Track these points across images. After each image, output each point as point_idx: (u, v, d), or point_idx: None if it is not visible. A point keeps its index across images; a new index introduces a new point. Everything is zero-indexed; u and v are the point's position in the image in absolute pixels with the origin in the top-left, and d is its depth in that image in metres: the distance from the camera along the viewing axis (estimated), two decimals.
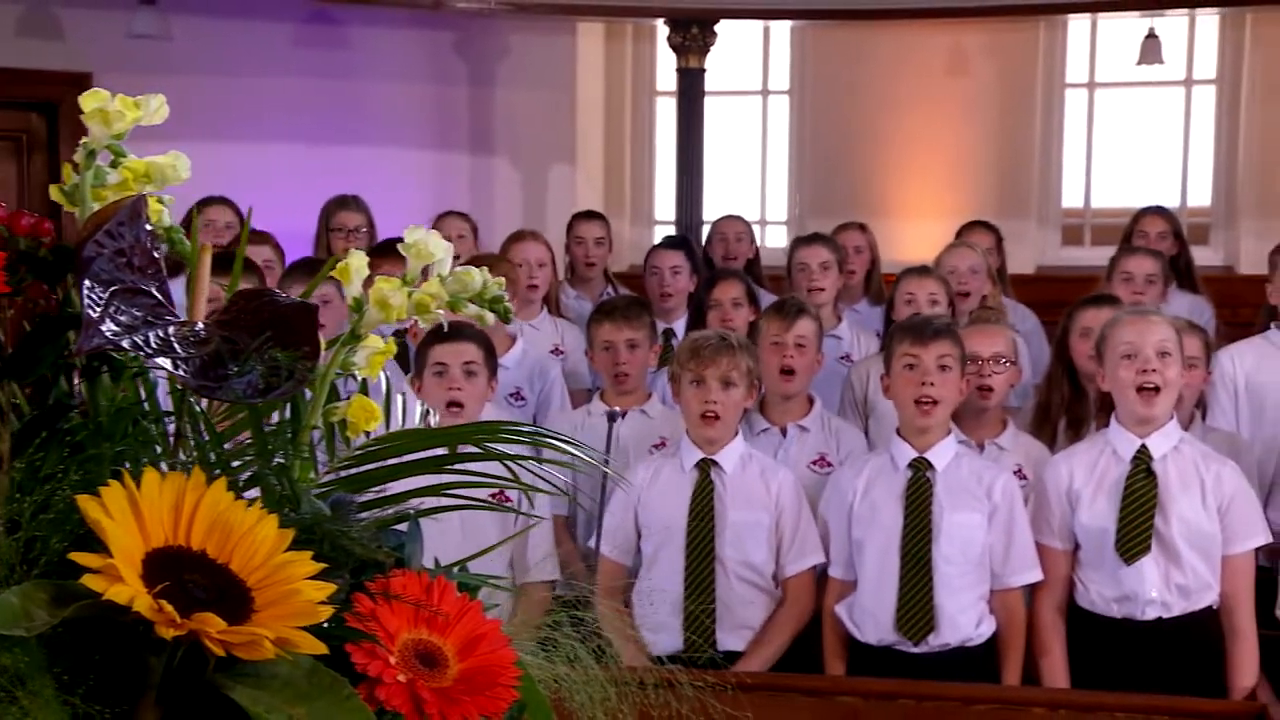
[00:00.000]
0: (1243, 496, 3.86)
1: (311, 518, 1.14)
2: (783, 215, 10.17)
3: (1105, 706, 3.60)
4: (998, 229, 6.85)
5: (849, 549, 4.04)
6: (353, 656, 1.15)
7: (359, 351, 1.28)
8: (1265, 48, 9.35)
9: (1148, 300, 5.47)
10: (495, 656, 1.23)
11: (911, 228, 9.23)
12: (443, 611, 1.22)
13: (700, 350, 4.06)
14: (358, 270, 1.26)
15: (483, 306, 1.32)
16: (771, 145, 10.24)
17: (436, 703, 1.17)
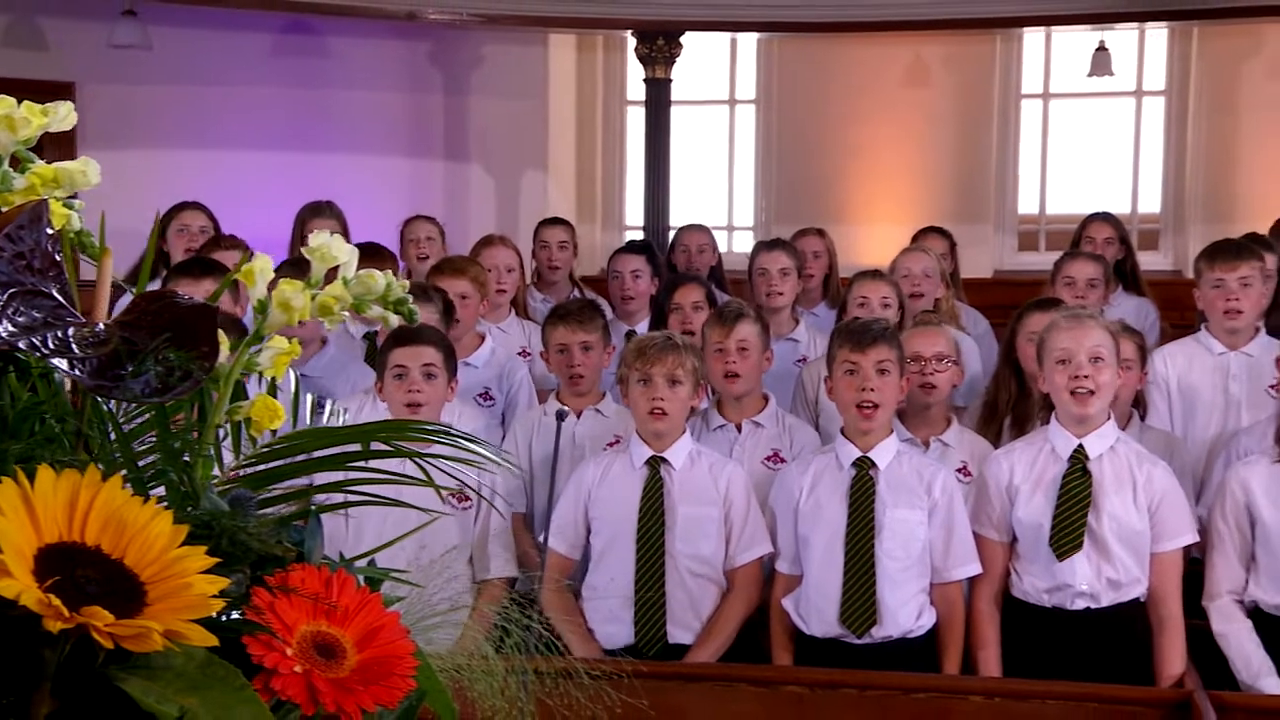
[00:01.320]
0: (1173, 496, 3.87)
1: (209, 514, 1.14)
2: (750, 221, 10.20)
3: (1038, 694, 3.61)
4: (951, 234, 6.86)
5: (795, 544, 4.03)
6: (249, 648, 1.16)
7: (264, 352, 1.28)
8: (1212, 61, 9.42)
9: (1090, 303, 5.48)
10: (393, 647, 1.23)
11: (874, 233, 9.26)
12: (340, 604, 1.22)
13: (646, 350, 4.06)
14: (261, 273, 1.26)
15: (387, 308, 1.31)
16: (739, 153, 10.28)
17: (332, 692, 1.17)
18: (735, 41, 9.91)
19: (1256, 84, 9.34)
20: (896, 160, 9.77)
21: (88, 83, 8.01)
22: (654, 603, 4.04)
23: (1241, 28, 9.06)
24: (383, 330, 4.52)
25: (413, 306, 1.33)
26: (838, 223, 9.38)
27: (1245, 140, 9.36)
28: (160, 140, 8.13)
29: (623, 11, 8.01)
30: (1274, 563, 3.79)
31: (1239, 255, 4.83)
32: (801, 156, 9.90)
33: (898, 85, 9.77)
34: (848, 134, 9.80)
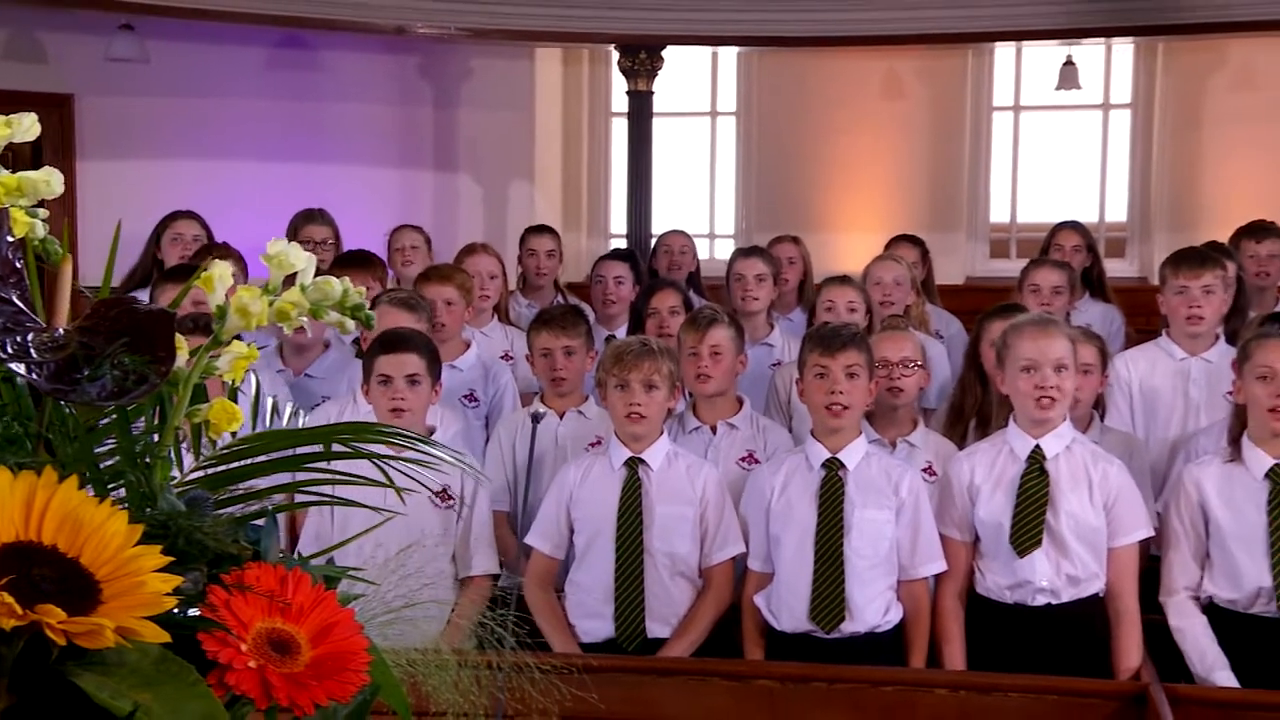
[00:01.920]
0: (1128, 493, 3.88)
1: (166, 514, 1.14)
2: (731, 229, 10.20)
3: (1001, 687, 3.62)
4: (923, 242, 6.87)
5: (767, 543, 4.04)
6: (204, 645, 1.15)
7: (223, 356, 1.28)
8: (1176, 75, 9.45)
9: (1055, 309, 5.49)
10: (347, 643, 1.23)
11: (851, 241, 9.27)
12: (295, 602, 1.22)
13: (623, 356, 4.06)
14: (220, 279, 1.26)
15: (344, 314, 1.31)
16: (720, 163, 10.29)
17: (285, 687, 1.17)
18: (716, 55, 9.92)
19: (1220, 97, 9.37)
20: (872, 170, 9.79)
21: (86, 95, 8.00)
22: (633, 599, 4.04)
23: (1205, 43, 9.09)
24: (364, 335, 4.51)
25: (370, 313, 1.33)
26: (816, 231, 9.40)
27: (1209, 152, 9.39)
28: (157, 150, 8.11)
29: (606, 26, 8.00)
30: (1228, 560, 3.80)
31: (1203, 263, 4.85)
32: (781, 167, 9.91)
33: (873, 98, 9.79)
34: (825, 145, 9.82)
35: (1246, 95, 9.27)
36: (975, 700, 3.62)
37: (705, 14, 8.02)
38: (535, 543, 4.16)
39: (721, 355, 4.51)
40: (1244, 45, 9.09)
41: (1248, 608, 3.76)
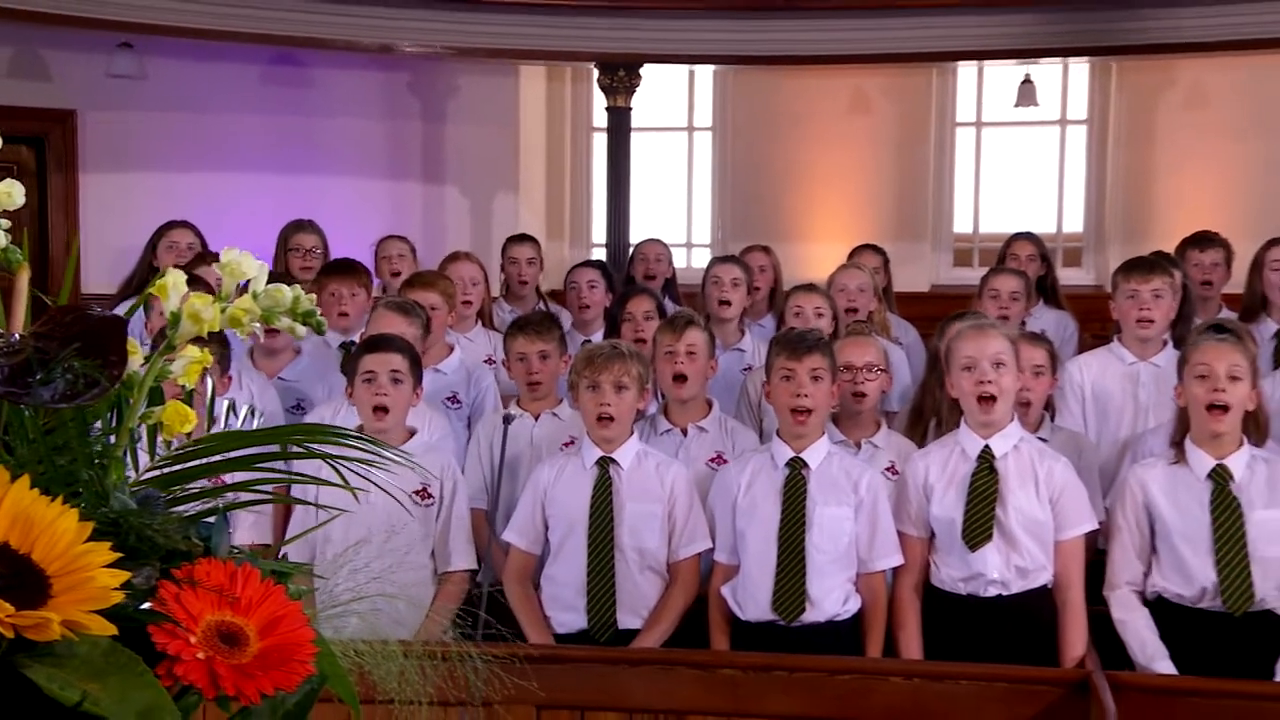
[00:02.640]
0: (1072, 488, 3.89)
1: (118, 512, 1.14)
2: (707, 238, 10.20)
3: (952, 675, 3.63)
4: (885, 251, 6.88)
5: (733, 537, 4.05)
6: (154, 637, 1.15)
7: (177, 360, 1.27)
8: (1129, 92, 9.48)
9: (1013, 314, 5.52)
10: (294, 636, 1.23)
11: (821, 250, 9.25)
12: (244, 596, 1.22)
13: (595, 359, 4.07)
14: (175, 287, 1.26)
15: (295, 320, 1.31)
16: (697, 175, 10.28)
17: (232, 677, 1.17)
18: (693, 74, 9.93)
19: (1171, 114, 9.39)
20: (841, 183, 9.80)
21: (88, 110, 7.98)
22: (604, 592, 4.05)
23: (1157, 63, 9.11)
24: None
25: (321, 318, 1.33)
26: (787, 240, 9.40)
27: (1160, 166, 9.42)
28: (155, 163, 8.09)
29: (586, 45, 8.00)
30: (1176, 557, 3.80)
31: (1152, 269, 4.88)
32: (754, 179, 9.91)
33: (842, 114, 9.80)
34: (796, 158, 9.82)
35: (1196, 113, 9.30)
36: (928, 688, 3.64)
37: (681, 34, 8.02)
38: (512, 539, 4.16)
39: (696, 356, 4.52)
40: (1193, 65, 9.12)
41: (1196, 602, 3.78)
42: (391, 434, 4.15)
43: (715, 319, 5.69)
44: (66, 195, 8.03)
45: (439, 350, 5.24)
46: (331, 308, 5.47)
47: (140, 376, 1.23)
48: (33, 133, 7.88)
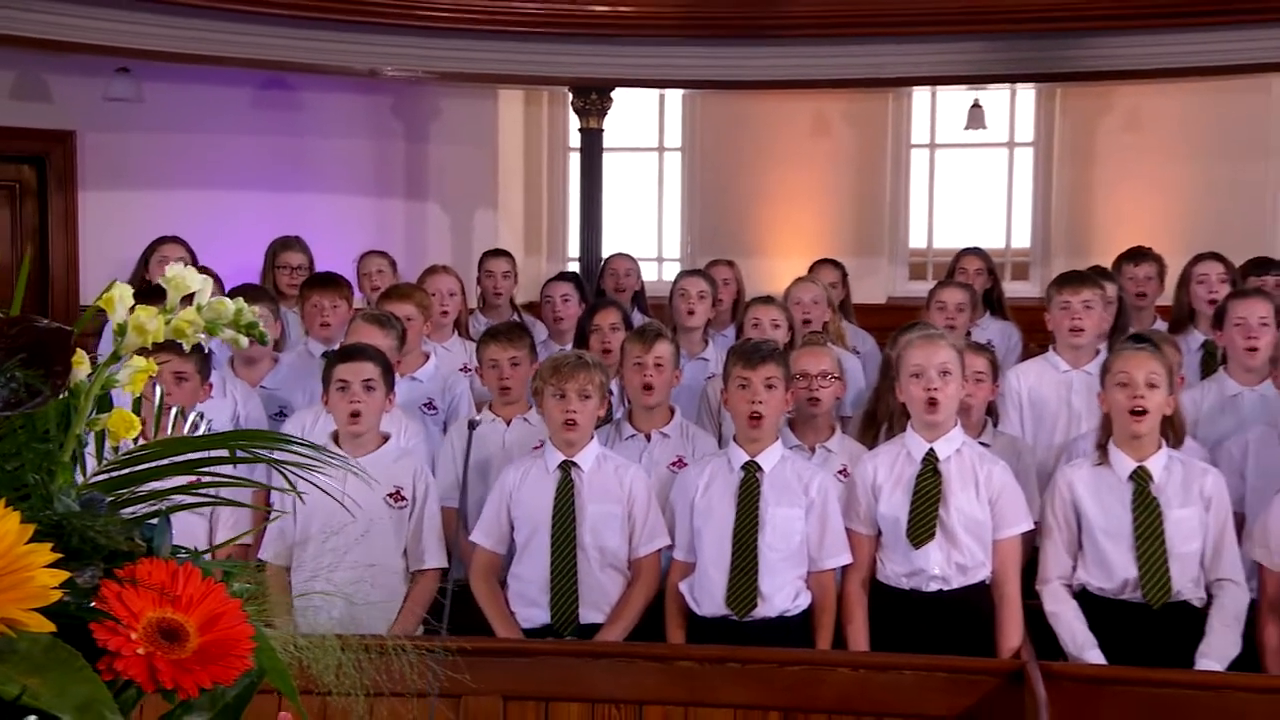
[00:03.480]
0: (1010, 491, 3.91)
1: (61, 514, 1.13)
2: (677, 253, 10.21)
3: (896, 666, 3.64)
4: (843, 265, 6.90)
5: (691, 536, 4.05)
6: (95, 633, 1.15)
7: (123, 370, 1.27)
8: (1072, 116, 9.54)
9: (959, 324, 5.54)
10: (233, 631, 1.22)
11: (784, 264, 9.25)
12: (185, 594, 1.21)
13: (561, 367, 4.07)
14: (121, 299, 1.25)
15: (238, 331, 1.31)
16: (667, 193, 10.30)
17: (170, 672, 1.16)
18: (664, 97, 9.95)
19: (1111, 136, 9.45)
20: (803, 200, 9.82)
21: (87, 131, 7.93)
22: (567, 589, 4.04)
23: (1097, 89, 9.17)
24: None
25: (264, 330, 1.32)
26: (753, 255, 9.42)
27: (1101, 185, 9.47)
28: (152, 182, 8.05)
29: (561, 70, 8.00)
30: (1099, 553, 3.83)
31: (1083, 282, 4.91)
32: (722, 197, 9.93)
33: (804, 136, 9.83)
34: (761, 177, 9.85)
35: (1133, 135, 9.36)
36: (874, 678, 3.64)
37: (651, 59, 8.03)
38: (479, 539, 4.15)
39: (663, 367, 4.52)
40: (1131, 91, 9.18)
41: (1117, 594, 3.80)
42: (366, 439, 4.14)
43: (681, 329, 5.70)
44: (66, 212, 7.98)
45: (415, 359, 5.23)
46: (314, 319, 5.46)
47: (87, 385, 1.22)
48: (34, 152, 7.83)
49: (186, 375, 4.03)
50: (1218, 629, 3.69)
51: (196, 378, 4.08)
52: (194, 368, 4.02)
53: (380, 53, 7.65)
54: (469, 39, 7.65)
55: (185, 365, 3.99)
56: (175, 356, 3.98)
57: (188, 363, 3.98)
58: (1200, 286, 5.65)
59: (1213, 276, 5.68)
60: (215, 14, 7.07)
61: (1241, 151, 9.17)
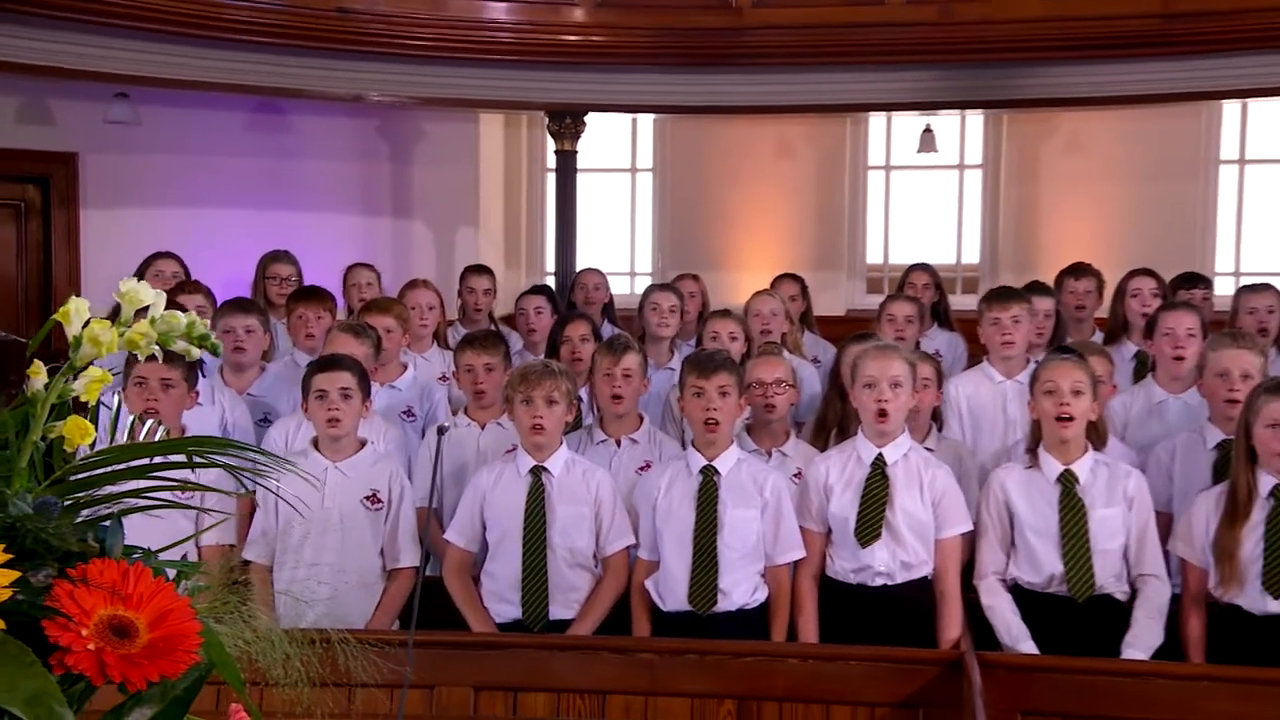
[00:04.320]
0: (952, 493, 3.92)
1: (14, 517, 1.13)
2: (648, 267, 10.22)
3: (843, 656, 3.63)
4: (803, 279, 6.90)
5: (654, 536, 4.04)
6: (47, 630, 1.15)
7: (79, 380, 1.26)
8: (1018, 140, 9.60)
9: (907, 336, 5.55)
10: (181, 627, 1.22)
11: (749, 278, 9.27)
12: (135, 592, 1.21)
13: (528, 375, 4.05)
14: (77, 313, 1.25)
15: (190, 343, 1.30)
16: (639, 210, 10.32)
17: (119, 666, 1.16)
18: (636, 121, 9.96)
19: (1054, 159, 9.51)
20: (767, 218, 9.86)
21: (88, 152, 7.91)
22: (538, 586, 4.03)
23: (1041, 115, 9.23)
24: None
25: (216, 341, 1.32)
26: (720, 269, 9.45)
27: (1044, 204, 9.53)
28: (149, 201, 8.02)
29: (537, 96, 8.00)
30: (1028, 550, 3.85)
31: (1010, 298, 4.94)
32: (690, 214, 9.96)
33: (768, 157, 9.86)
34: (728, 196, 9.88)
35: (1075, 158, 9.43)
36: (823, 668, 3.64)
37: (623, 86, 8.03)
38: (453, 538, 4.14)
39: (631, 377, 4.51)
40: (1072, 117, 9.24)
41: (1045, 588, 3.82)
42: (343, 444, 4.13)
43: (651, 340, 5.70)
44: (69, 229, 7.94)
45: (394, 369, 5.22)
46: (299, 330, 5.44)
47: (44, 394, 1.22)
48: (38, 173, 7.80)
49: (174, 383, 4.01)
50: (1142, 620, 3.71)
51: (183, 385, 4.05)
52: (180, 375, 4.00)
53: (366, 79, 7.64)
54: (450, 66, 7.64)
55: (172, 373, 3.97)
56: (163, 365, 3.97)
57: (174, 371, 3.96)
58: (1134, 300, 5.69)
59: (1145, 291, 5.71)
60: (209, 42, 7.05)
61: (1175, 173, 9.26)
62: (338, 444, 4.12)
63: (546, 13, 7.60)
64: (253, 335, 5.04)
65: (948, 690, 3.49)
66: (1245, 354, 4.17)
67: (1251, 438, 3.67)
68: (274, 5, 7.09)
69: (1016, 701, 3.47)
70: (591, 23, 7.66)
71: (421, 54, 7.51)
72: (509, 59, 7.68)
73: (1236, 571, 3.61)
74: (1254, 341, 4.36)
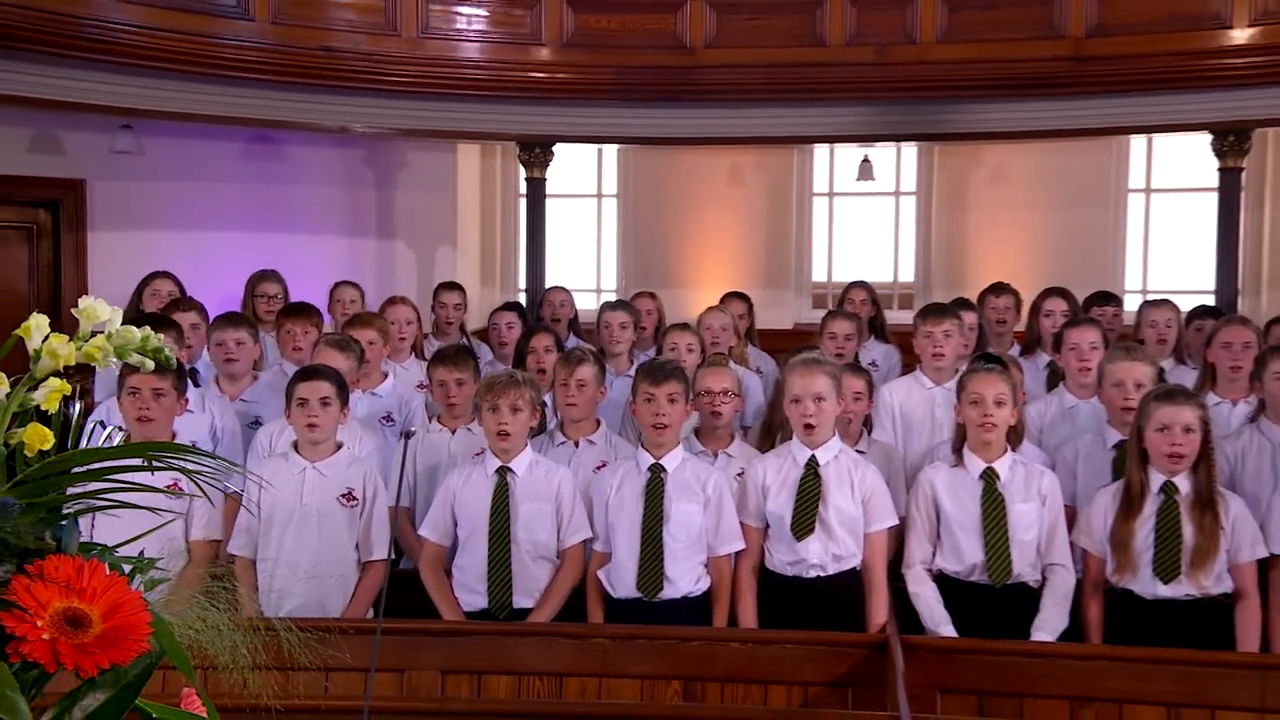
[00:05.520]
0: (879, 491, 3.93)
1: None
2: (613, 284, 10.23)
3: (779, 641, 3.64)
4: (749, 297, 6.92)
5: (607, 529, 4.04)
6: (3, 621, 1.13)
7: (39, 389, 1.25)
8: (948, 170, 9.67)
9: (846, 350, 5.56)
10: (133, 618, 1.21)
11: (705, 294, 9.28)
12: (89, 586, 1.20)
13: (494, 385, 4.05)
14: (37, 328, 1.24)
15: (145, 355, 1.29)
16: (605, 233, 10.33)
17: (72, 654, 1.15)
18: (601, 151, 9.98)
19: (980, 188, 9.60)
20: (721, 240, 9.89)
21: (95, 179, 7.84)
22: (502, 578, 4.01)
23: (968, 147, 9.31)
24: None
25: (169, 355, 1.31)
26: (678, 287, 9.46)
27: (972, 228, 9.61)
28: (152, 224, 7.96)
29: (508, 128, 7.99)
30: (953, 541, 3.86)
31: (942, 313, 4.96)
32: (651, 236, 9.98)
33: (722, 185, 9.90)
34: (685, 220, 9.90)
35: (999, 187, 9.51)
36: (761, 651, 3.64)
37: (586, 119, 8.04)
38: (426, 534, 4.12)
39: (585, 387, 4.51)
40: (996, 149, 9.33)
41: (967, 577, 3.83)
42: (322, 447, 4.10)
43: (609, 352, 5.70)
44: (77, 250, 7.88)
45: (375, 378, 5.19)
46: (287, 343, 5.41)
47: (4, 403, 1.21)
48: (49, 198, 7.73)
49: (164, 391, 3.97)
50: (1049, 606, 3.74)
51: (174, 394, 4.01)
52: (170, 384, 3.96)
53: (350, 112, 7.62)
54: (427, 100, 7.63)
55: (163, 383, 3.94)
56: (154, 375, 3.93)
57: (165, 380, 3.92)
58: (1047, 319, 5.72)
59: (1057, 310, 5.76)
60: (206, 78, 7.01)
61: (1088, 201, 9.35)
62: (316, 447, 4.10)
63: (516, 52, 7.60)
64: (243, 347, 5.01)
65: (874, 670, 3.51)
66: (1138, 365, 4.21)
67: (1143, 440, 3.71)
68: (265, 44, 7.06)
69: (936, 680, 3.49)
70: (557, 61, 7.67)
71: (401, 89, 7.49)
72: (482, 94, 7.67)
73: (1130, 560, 3.64)
74: (1145, 354, 4.41)
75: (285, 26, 7.07)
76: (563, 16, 7.66)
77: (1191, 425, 3.67)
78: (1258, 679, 3.30)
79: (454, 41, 7.56)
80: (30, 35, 6.37)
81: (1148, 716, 3.33)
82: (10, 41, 6.31)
